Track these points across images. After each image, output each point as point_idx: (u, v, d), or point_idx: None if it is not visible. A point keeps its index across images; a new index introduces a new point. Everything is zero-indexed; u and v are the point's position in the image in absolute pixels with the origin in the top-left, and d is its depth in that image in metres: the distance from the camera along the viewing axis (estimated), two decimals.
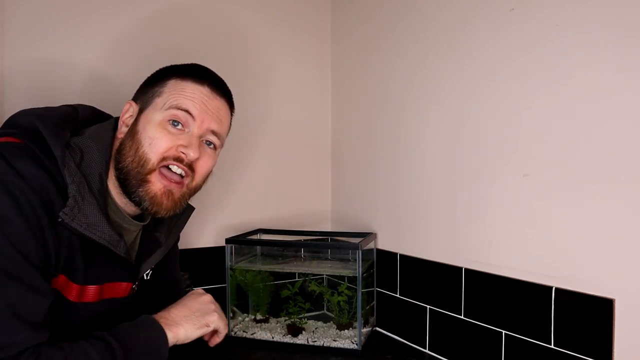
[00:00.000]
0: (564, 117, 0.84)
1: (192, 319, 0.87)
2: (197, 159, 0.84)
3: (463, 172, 1.05)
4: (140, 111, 0.86)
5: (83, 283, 0.80)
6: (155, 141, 0.81)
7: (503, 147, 0.95)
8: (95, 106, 0.94)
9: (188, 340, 0.86)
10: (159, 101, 0.84)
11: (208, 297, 0.93)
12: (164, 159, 0.82)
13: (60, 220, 0.72)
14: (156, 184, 0.82)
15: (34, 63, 1.14)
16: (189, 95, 0.84)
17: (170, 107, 0.83)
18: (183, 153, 0.83)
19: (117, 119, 0.89)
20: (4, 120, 0.83)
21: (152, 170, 0.81)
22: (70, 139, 0.79)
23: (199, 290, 0.96)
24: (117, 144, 0.86)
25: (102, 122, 0.89)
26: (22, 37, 1.13)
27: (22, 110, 0.82)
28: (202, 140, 0.87)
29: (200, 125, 0.85)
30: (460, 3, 1.05)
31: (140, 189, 0.81)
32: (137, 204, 0.83)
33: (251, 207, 1.45)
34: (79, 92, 1.18)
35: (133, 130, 0.84)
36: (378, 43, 1.33)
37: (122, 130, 0.86)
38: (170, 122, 0.83)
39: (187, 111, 0.83)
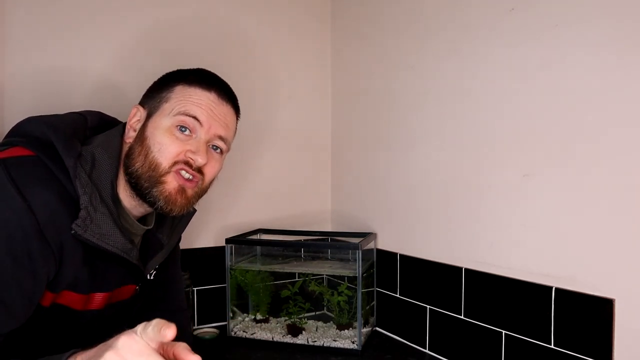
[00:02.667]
0: (564, 116, 0.84)
1: None
2: (205, 164, 0.85)
3: (463, 172, 1.05)
4: (148, 116, 0.86)
5: (88, 292, 0.80)
6: (164, 147, 0.82)
7: (503, 147, 0.95)
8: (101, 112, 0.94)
9: None
10: (166, 107, 0.85)
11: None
12: (175, 163, 0.83)
13: (73, 232, 0.73)
14: (171, 183, 0.83)
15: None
16: (196, 101, 0.85)
17: (178, 113, 0.84)
18: (191, 159, 0.84)
19: (125, 124, 0.89)
20: (5, 127, 0.83)
21: (166, 173, 0.82)
22: (81, 148, 0.80)
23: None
24: (125, 148, 0.86)
25: (109, 127, 0.89)
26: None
27: (30, 117, 0.82)
28: (209, 145, 0.88)
29: (207, 131, 0.85)
30: (460, 3, 1.05)
31: (155, 190, 0.82)
32: (152, 204, 0.83)
33: (251, 207, 1.45)
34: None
35: (142, 135, 0.84)
36: (378, 44, 1.33)
37: (130, 135, 0.86)
38: (178, 127, 0.84)
39: (194, 117, 0.84)
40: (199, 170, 0.85)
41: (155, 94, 0.88)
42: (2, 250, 0.68)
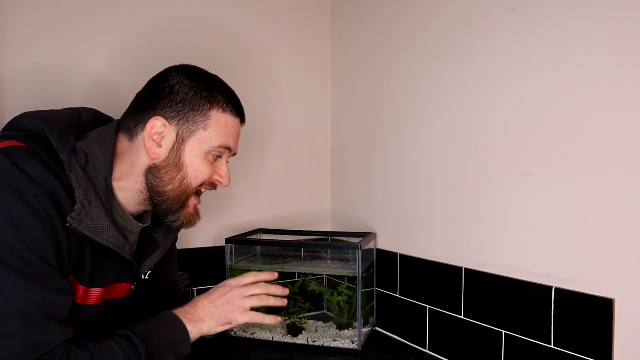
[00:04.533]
0: (564, 116, 0.84)
1: (216, 316, 0.90)
2: None
3: (463, 172, 1.05)
4: (183, 139, 0.85)
5: (89, 285, 0.81)
6: (201, 174, 0.88)
7: (503, 147, 0.95)
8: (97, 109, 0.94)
9: (211, 334, 0.90)
10: (205, 135, 0.87)
11: (237, 292, 0.92)
12: (202, 184, 0.90)
13: (68, 225, 0.74)
14: (191, 206, 0.90)
15: (36, 67, 1.14)
16: (231, 132, 0.90)
17: (220, 146, 0.89)
18: (219, 182, 0.91)
19: (119, 121, 0.90)
20: (3, 123, 0.83)
21: (190, 196, 0.89)
22: (75, 144, 0.80)
23: (231, 283, 0.94)
24: (147, 161, 0.85)
25: (103, 124, 0.89)
26: (24, 41, 1.13)
27: (26, 112, 0.82)
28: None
29: (232, 154, 0.94)
30: (460, 3, 1.05)
31: (180, 213, 0.88)
32: (172, 222, 0.90)
33: (251, 207, 1.45)
34: (83, 97, 1.18)
35: (179, 161, 0.86)
36: (378, 43, 1.33)
37: (155, 150, 0.84)
38: (214, 155, 0.89)
39: (230, 149, 0.91)
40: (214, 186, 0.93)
41: (189, 113, 0.85)
42: (32, 222, 0.70)
